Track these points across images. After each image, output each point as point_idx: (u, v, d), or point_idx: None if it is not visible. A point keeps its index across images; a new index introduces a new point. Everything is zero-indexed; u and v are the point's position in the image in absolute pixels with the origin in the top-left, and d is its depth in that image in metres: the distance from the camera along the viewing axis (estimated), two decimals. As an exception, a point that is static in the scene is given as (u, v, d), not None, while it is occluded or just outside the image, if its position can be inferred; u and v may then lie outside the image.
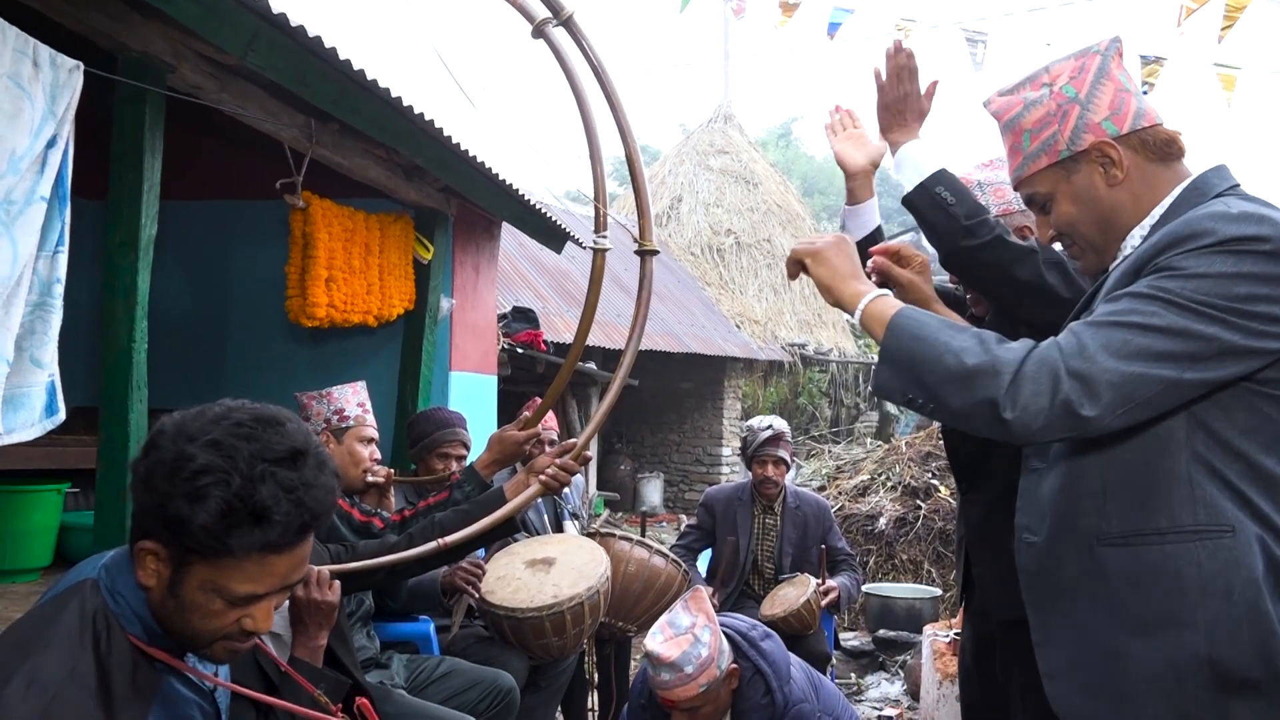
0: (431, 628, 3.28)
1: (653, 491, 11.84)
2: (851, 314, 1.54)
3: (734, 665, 2.63)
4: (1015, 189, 1.64)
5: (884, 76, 2.19)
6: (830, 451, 10.22)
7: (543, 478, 2.34)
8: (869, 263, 2.03)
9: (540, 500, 4.15)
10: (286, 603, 2.00)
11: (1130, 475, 1.42)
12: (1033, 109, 1.56)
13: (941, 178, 2.08)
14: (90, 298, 3.42)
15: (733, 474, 12.40)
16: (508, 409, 6.10)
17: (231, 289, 4.77)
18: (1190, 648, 1.35)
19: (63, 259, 2.42)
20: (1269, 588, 1.34)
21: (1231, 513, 1.36)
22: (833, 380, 14.73)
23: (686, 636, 2.57)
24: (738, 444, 12.76)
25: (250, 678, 1.65)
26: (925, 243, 2.67)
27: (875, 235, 2.40)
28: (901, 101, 2.17)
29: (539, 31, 2.21)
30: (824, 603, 3.91)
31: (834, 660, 4.06)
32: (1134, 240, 1.52)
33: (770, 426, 4.28)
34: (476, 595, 3.27)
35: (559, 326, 8.78)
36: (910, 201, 2.13)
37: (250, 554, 1.30)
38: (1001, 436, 1.36)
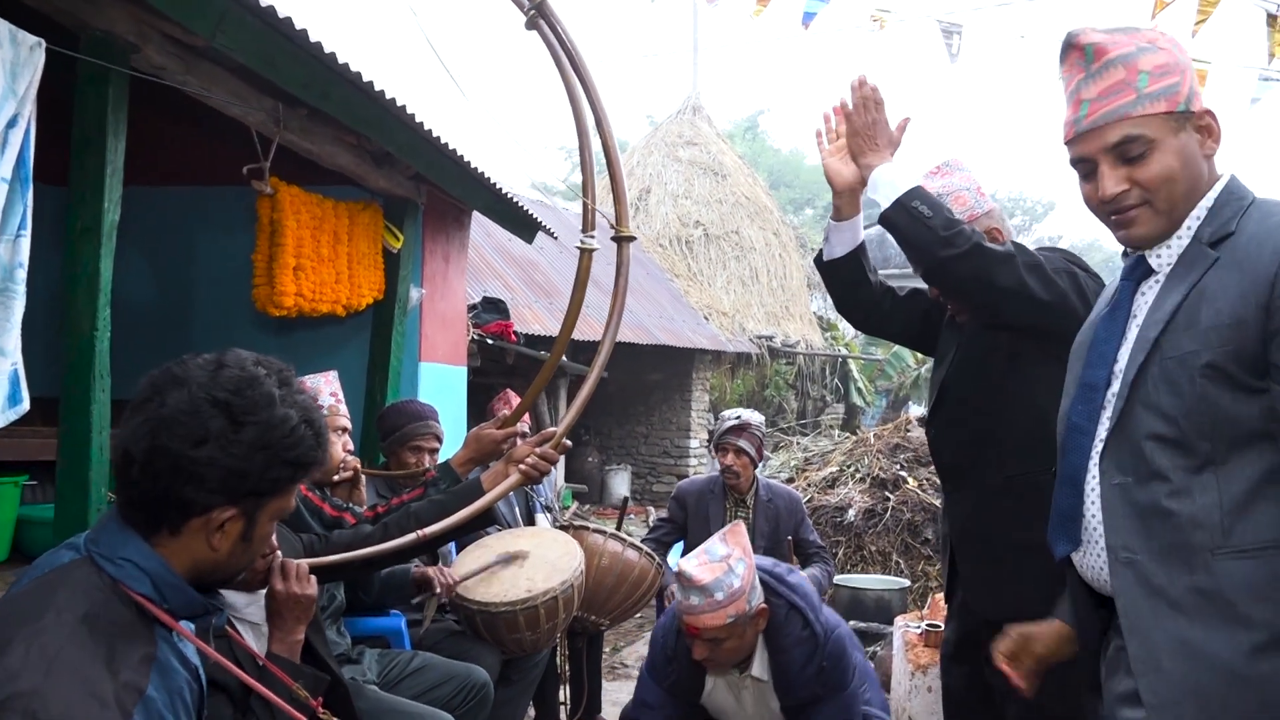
0: (403, 622, 3.23)
1: (620, 484, 11.82)
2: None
3: (763, 605, 2.62)
4: (1102, 127, 1.49)
5: (850, 106, 2.22)
6: (798, 443, 10.24)
7: (522, 467, 2.31)
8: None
9: (512, 494, 4.12)
10: (263, 593, 1.96)
11: (1254, 486, 1.36)
12: (1150, 53, 1.49)
13: (917, 193, 2.08)
14: (49, 286, 3.31)
15: (700, 465, 12.41)
16: (477, 401, 6.04)
17: (196, 277, 4.67)
18: None
19: (25, 243, 2.35)
20: None
21: None
22: (800, 373, 14.79)
23: (721, 564, 2.55)
24: (705, 436, 12.81)
25: (227, 675, 1.60)
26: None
27: (858, 253, 2.40)
28: (871, 128, 2.19)
29: (533, 23, 2.19)
30: None
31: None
32: (1183, 230, 1.49)
33: (738, 417, 4.29)
34: (448, 593, 3.22)
35: (528, 318, 8.71)
36: (888, 219, 2.11)
37: (295, 481, 1.43)
38: None
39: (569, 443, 2.45)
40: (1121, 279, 1.59)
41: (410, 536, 2.18)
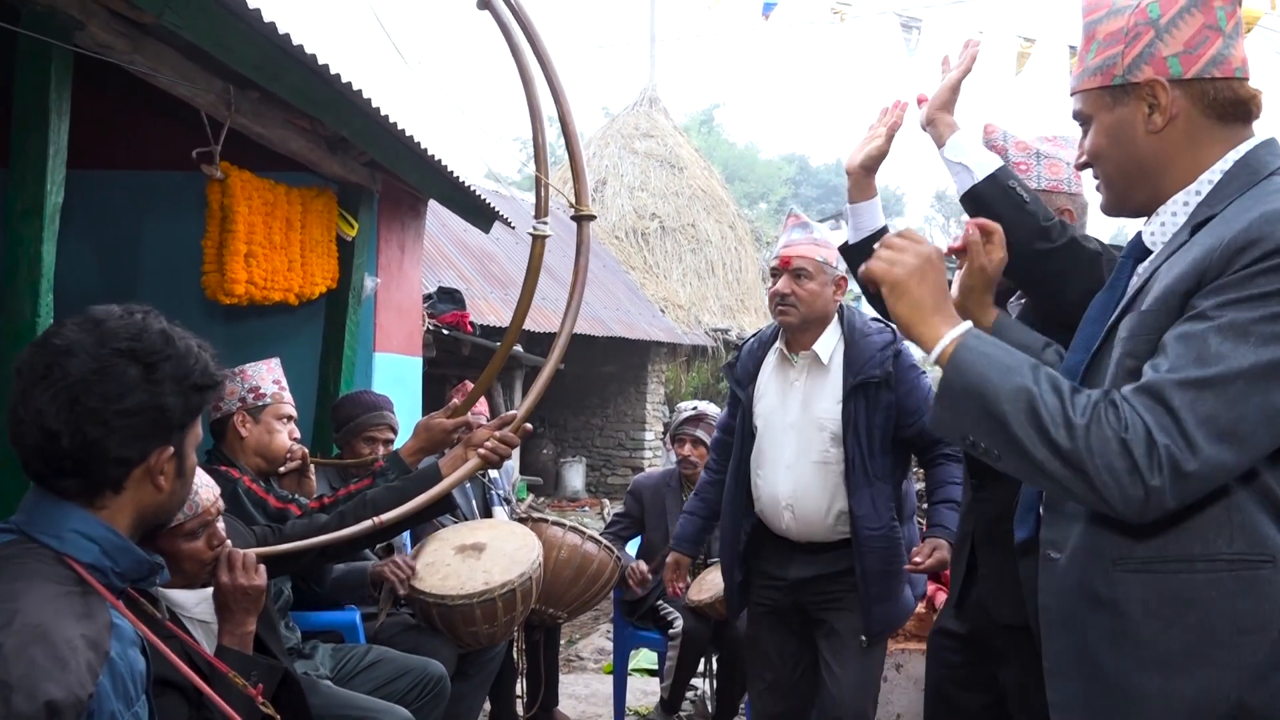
0: (358, 616, 3.18)
1: (575, 476, 11.79)
2: (927, 354, 1.35)
3: (843, 277, 2.84)
4: (1071, 97, 1.47)
5: (951, 66, 2.09)
6: (753, 436, 10.30)
7: (482, 451, 2.28)
8: (962, 235, 1.80)
9: (468, 485, 4.07)
10: (211, 590, 1.91)
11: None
12: (1111, 18, 1.38)
13: (1009, 172, 1.93)
14: (-11, 270, 3.20)
15: (655, 458, 12.41)
16: (432, 392, 5.97)
17: (142, 265, 4.54)
18: (1217, 689, 1.23)
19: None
20: None
21: (1275, 540, 1.23)
22: (754, 366, 14.85)
23: (824, 226, 2.97)
24: (660, 428, 12.82)
25: (179, 672, 1.55)
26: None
27: (879, 235, 2.30)
28: (957, 91, 2.07)
29: (485, 3, 2.15)
30: None
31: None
32: (1176, 206, 1.37)
33: (695, 408, 4.31)
34: (404, 592, 3.18)
35: (483, 309, 8.64)
36: (979, 194, 1.92)
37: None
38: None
39: (530, 427, 2.42)
40: (1122, 257, 1.51)
41: (366, 523, 2.14)
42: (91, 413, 1.32)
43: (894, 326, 2.69)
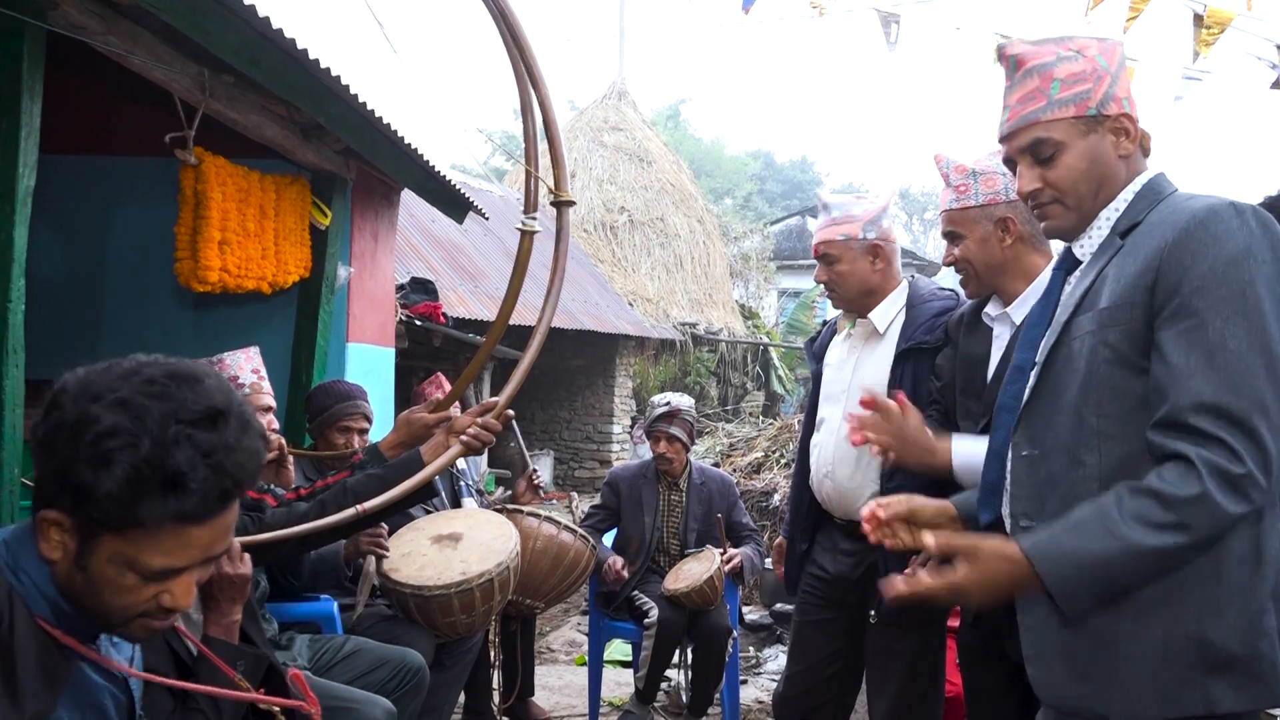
0: (335, 607, 3.15)
1: (543, 469, 11.77)
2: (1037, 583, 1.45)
3: (879, 243, 2.74)
4: (1017, 131, 1.64)
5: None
6: (722, 429, 10.33)
7: (464, 438, 2.26)
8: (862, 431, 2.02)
9: (438, 477, 4.04)
10: None
11: (1126, 462, 1.45)
12: (1066, 62, 1.60)
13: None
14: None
15: (623, 452, 12.42)
16: (404, 384, 5.93)
17: (113, 252, 4.46)
18: (1181, 628, 1.40)
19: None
20: (1255, 569, 1.40)
21: None
22: (721, 360, 14.90)
23: (852, 196, 2.83)
24: (629, 422, 12.83)
25: (163, 661, 1.53)
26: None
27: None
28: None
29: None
30: (727, 569, 3.93)
31: (735, 634, 4.09)
32: (1102, 221, 1.60)
33: (668, 403, 4.25)
34: (385, 553, 3.15)
35: (453, 300, 8.58)
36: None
37: (164, 525, 1.18)
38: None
39: (511, 413, 2.41)
40: (1054, 269, 1.72)
41: (349, 511, 2.12)
42: (39, 435, 1.22)
43: (959, 293, 2.71)
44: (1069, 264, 1.67)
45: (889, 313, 2.77)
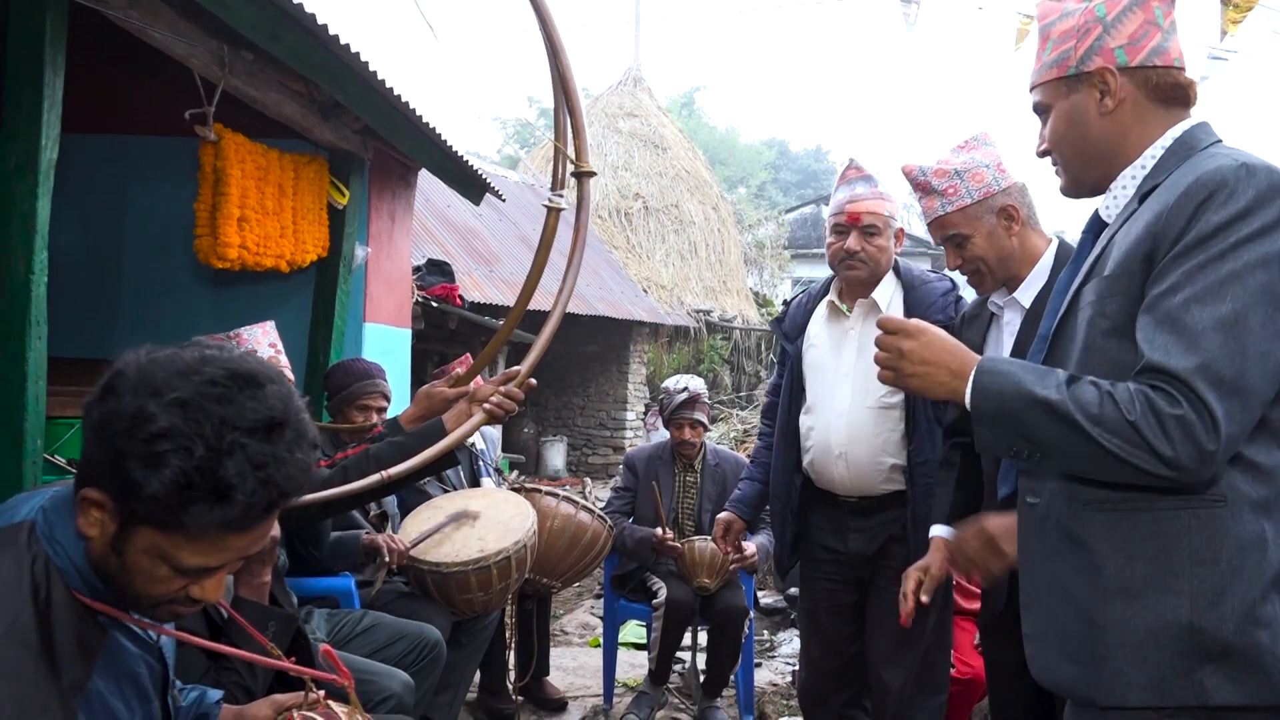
0: (353, 582, 3.16)
1: (556, 455, 11.78)
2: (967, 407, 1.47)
3: (902, 229, 2.84)
4: (1030, 92, 1.63)
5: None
6: (736, 415, 10.32)
7: (487, 406, 2.26)
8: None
9: (456, 454, 4.05)
10: None
11: None
12: (1064, 19, 1.56)
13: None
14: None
15: (636, 438, 12.41)
16: (419, 367, 5.93)
17: (133, 230, 4.48)
18: (1172, 614, 1.36)
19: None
20: (1254, 558, 1.34)
21: (1226, 482, 1.36)
22: (735, 347, 14.88)
23: (879, 183, 2.82)
24: (642, 409, 12.82)
25: (196, 622, 1.54)
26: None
27: None
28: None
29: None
30: (742, 565, 3.92)
31: (751, 615, 4.09)
32: (1126, 180, 1.53)
33: (685, 389, 4.25)
34: (398, 560, 3.16)
35: (468, 284, 8.58)
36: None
37: (207, 531, 1.17)
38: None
39: (534, 382, 2.40)
40: (1083, 232, 1.65)
41: (374, 477, 2.13)
42: (94, 417, 1.20)
43: (951, 276, 2.74)
44: (1098, 227, 1.61)
45: (887, 292, 2.81)
